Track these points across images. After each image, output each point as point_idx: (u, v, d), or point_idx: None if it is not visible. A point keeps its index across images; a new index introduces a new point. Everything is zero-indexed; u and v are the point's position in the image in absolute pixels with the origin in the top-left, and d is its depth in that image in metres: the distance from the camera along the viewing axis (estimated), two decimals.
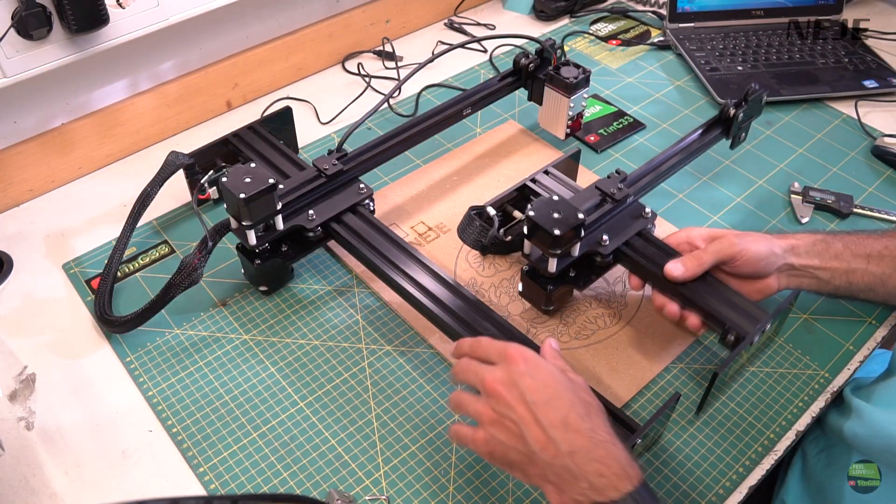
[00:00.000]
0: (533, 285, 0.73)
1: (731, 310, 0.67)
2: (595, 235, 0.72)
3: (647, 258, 0.72)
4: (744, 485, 0.65)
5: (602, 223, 0.74)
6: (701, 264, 0.67)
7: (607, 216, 0.75)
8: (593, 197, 0.75)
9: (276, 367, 0.72)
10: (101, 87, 0.92)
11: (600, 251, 0.72)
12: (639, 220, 0.75)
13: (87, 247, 0.85)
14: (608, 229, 0.73)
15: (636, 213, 0.75)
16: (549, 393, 0.52)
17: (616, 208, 0.75)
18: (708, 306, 0.67)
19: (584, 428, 0.51)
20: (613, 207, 0.75)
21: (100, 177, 0.94)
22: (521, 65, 0.93)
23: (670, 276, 0.67)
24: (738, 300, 0.68)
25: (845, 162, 0.96)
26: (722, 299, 0.68)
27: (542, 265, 0.70)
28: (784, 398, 0.71)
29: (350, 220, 0.77)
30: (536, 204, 0.67)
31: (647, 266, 0.71)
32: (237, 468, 0.65)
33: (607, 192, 0.75)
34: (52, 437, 0.67)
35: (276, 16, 1.03)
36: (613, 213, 0.75)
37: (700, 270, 0.68)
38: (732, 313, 0.66)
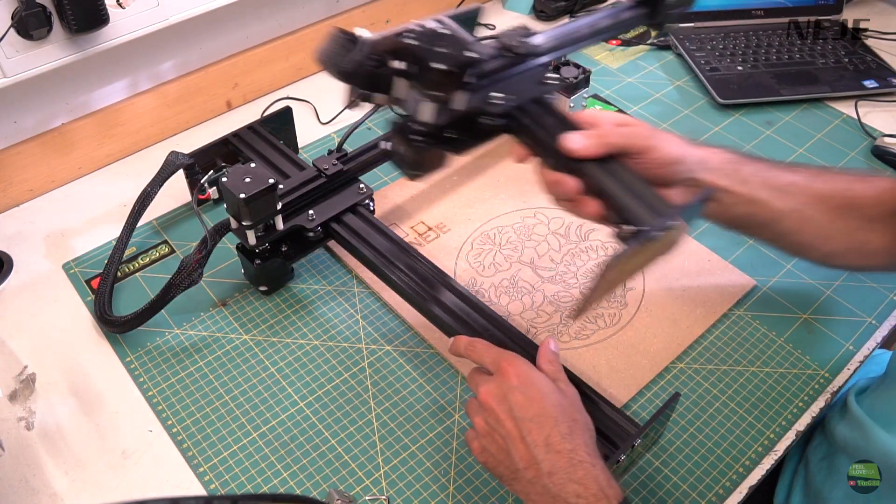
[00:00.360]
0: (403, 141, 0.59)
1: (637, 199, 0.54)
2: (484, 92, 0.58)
3: (544, 127, 0.59)
4: (744, 485, 0.65)
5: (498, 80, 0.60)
6: (604, 143, 0.56)
7: (503, 72, 0.60)
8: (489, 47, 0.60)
9: (276, 367, 0.72)
10: (101, 87, 0.92)
11: (488, 110, 0.58)
12: (540, 85, 0.62)
13: (87, 247, 0.85)
14: (503, 88, 0.59)
15: (538, 77, 0.62)
16: (536, 409, 0.53)
17: (515, 65, 0.61)
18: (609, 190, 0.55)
19: (565, 448, 0.51)
20: (512, 64, 0.60)
21: (100, 177, 0.94)
22: None
23: (566, 149, 0.55)
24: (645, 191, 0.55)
25: (845, 162, 0.96)
26: (627, 187, 0.55)
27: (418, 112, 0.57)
28: (784, 398, 0.71)
29: (350, 220, 0.77)
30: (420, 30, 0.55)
31: (540, 135, 0.58)
32: (237, 468, 0.65)
33: (508, 44, 0.60)
34: (52, 437, 0.67)
35: (276, 16, 1.03)
36: (512, 72, 0.61)
37: (602, 151, 0.56)
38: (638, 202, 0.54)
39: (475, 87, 0.57)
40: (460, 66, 0.54)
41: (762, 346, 0.75)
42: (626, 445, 0.57)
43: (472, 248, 0.84)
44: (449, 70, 0.53)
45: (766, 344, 0.75)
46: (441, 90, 0.54)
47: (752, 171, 0.64)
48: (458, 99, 0.56)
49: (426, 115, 0.56)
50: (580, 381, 0.64)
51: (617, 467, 0.58)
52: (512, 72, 0.61)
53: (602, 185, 0.56)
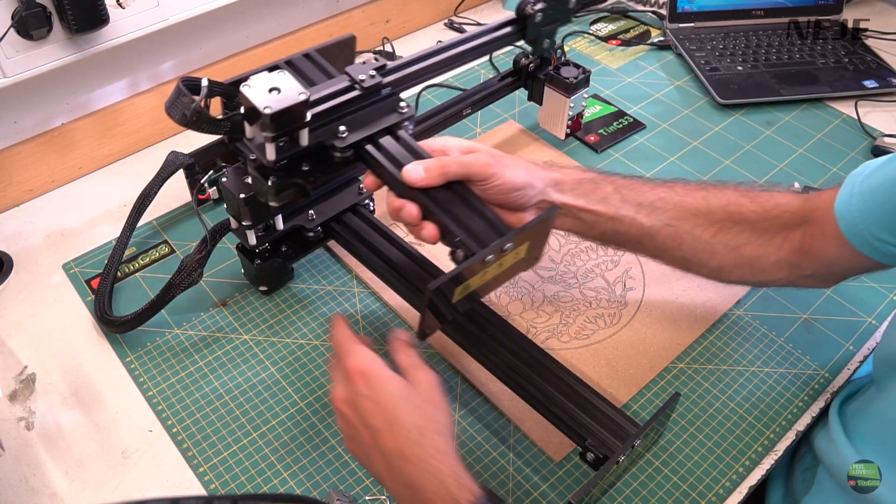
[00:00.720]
0: (258, 176, 0.62)
1: (468, 224, 0.58)
2: (332, 127, 0.62)
3: (391, 158, 0.61)
4: (744, 485, 0.65)
5: (345, 114, 0.63)
6: (444, 173, 0.58)
7: (352, 105, 0.63)
8: (339, 83, 0.64)
9: (276, 367, 0.72)
10: (101, 87, 0.92)
11: (336, 144, 0.61)
12: (392, 114, 0.64)
13: (87, 247, 0.85)
14: (350, 121, 0.62)
15: (390, 108, 0.65)
16: (387, 416, 0.52)
17: (366, 98, 0.64)
18: (445, 215, 0.58)
19: (417, 457, 0.51)
20: (361, 97, 0.64)
21: (100, 177, 0.94)
22: (521, 65, 0.93)
23: (408, 180, 0.58)
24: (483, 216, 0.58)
25: (845, 162, 0.96)
26: (463, 213, 0.58)
27: (261, 152, 0.59)
28: (784, 398, 0.71)
29: (350, 220, 0.77)
30: (255, 77, 0.57)
31: (386, 166, 0.61)
32: (237, 468, 0.65)
33: (356, 78, 0.64)
34: (52, 437, 0.67)
35: (276, 16, 1.03)
36: (362, 104, 0.64)
37: (441, 179, 0.58)
38: (468, 229, 0.57)
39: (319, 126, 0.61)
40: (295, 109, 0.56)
41: (762, 346, 0.75)
42: (626, 445, 0.57)
43: None
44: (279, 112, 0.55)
45: (766, 344, 0.75)
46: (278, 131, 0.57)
47: (611, 190, 0.65)
48: (301, 136, 0.59)
49: (269, 155, 0.59)
50: (580, 381, 0.64)
51: (617, 467, 0.58)
52: (363, 104, 0.64)
53: (433, 212, 0.58)
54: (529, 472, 0.65)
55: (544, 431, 0.67)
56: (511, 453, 0.66)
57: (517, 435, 0.68)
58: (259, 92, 0.56)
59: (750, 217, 0.65)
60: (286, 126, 0.57)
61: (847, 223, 0.60)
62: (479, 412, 0.69)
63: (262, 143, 0.59)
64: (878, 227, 0.58)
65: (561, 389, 0.63)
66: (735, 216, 0.65)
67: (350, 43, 0.76)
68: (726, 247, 0.65)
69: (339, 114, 0.63)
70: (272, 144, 0.58)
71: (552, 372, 0.64)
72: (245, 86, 0.56)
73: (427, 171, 0.58)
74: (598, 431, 0.60)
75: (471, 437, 0.67)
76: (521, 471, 0.65)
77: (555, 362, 0.65)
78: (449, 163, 0.58)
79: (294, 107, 0.56)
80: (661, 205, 0.65)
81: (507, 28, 0.76)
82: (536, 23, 0.76)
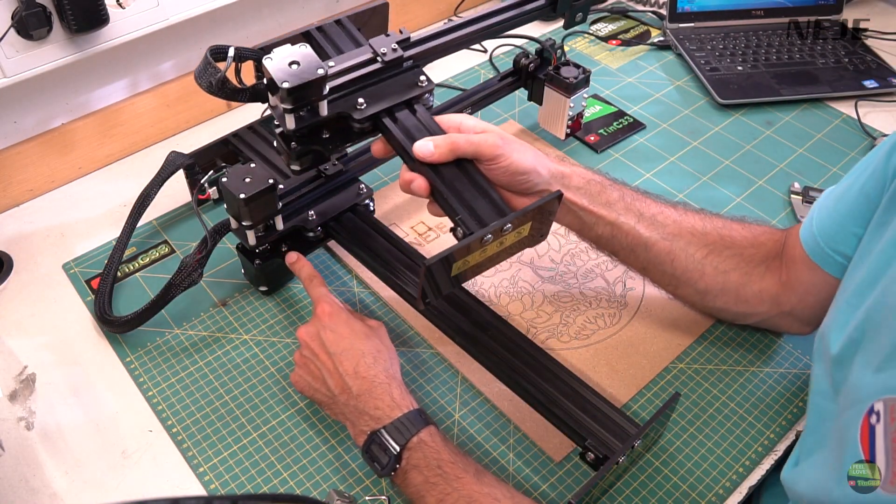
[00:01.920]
0: (281, 143, 0.65)
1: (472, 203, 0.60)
2: (352, 98, 0.64)
3: (405, 131, 0.63)
4: (744, 485, 0.65)
5: (366, 86, 0.65)
6: (453, 150, 0.61)
7: (372, 78, 0.65)
8: (361, 55, 0.66)
9: (276, 367, 0.72)
10: (101, 87, 0.92)
11: (353, 115, 0.64)
12: (412, 88, 0.66)
13: (87, 247, 0.85)
14: (370, 93, 0.65)
15: (411, 81, 0.66)
16: (346, 344, 0.63)
17: (385, 71, 0.66)
18: (449, 191, 0.60)
19: (370, 374, 0.62)
20: (382, 70, 0.66)
21: (100, 177, 0.94)
22: (521, 65, 0.93)
23: (418, 155, 0.61)
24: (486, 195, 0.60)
25: (845, 162, 0.96)
26: (467, 190, 0.60)
27: (282, 120, 0.62)
28: (784, 398, 0.71)
29: (350, 220, 0.77)
30: (277, 52, 0.60)
31: (399, 138, 0.63)
32: (237, 468, 0.65)
33: (377, 50, 0.66)
34: (52, 437, 0.67)
35: (276, 16, 1.03)
36: (382, 77, 0.66)
37: (450, 156, 0.61)
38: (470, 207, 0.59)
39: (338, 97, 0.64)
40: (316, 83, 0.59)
41: (762, 346, 0.75)
42: (626, 445, 0.57)
43: None
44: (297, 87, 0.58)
45: (766, 344, 0.75)
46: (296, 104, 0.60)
47: (617, 196, 0.67)
48: (321, 107, 0.62)
49: (289, 124, 0.62)
50: (580, 381, 0.64)
51: (617, 467, 0.58)
52: (383, 76, 0.66)
53: (437, 188, 0.61)
54: (529, 472, 0.65)
55: (544, 431, 0.67)
56: (511, 453, 0.66)
57: (517, 435, 0.68)
58: (280, 65, 0.58)
59: (740, 242, 0.68)
60: (304, 99, 0.60)
61: (809, 244, 0.64)
62: (479, 412, 0.69)
63: (282, 113, 0.61)
64: (833, 239, 0.62)
65: (561, 389, 0.63)
66: (727, 239, 0.68)
67: (383, 9, 0.76)
68: (715, 269, 0.68)
69: (359, 86, 0.65)
70: (291, 115, 0.60)
71: (552, 372, 0.64)
72: (268, 58, 0.59)
73: (437, 146, 0.60)
74: (598, 431, 0.60)
75: (471, 437, 0.67)
76: (521, 471, 0.65)
77: (555, 362, 0.65)
78: (458, 140, 0.61)
79: (313, 81, 0.58)
80: (662, 219, 0.68)
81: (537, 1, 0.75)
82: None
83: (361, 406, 0.61)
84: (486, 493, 0.56)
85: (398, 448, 0.58)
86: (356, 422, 0.61)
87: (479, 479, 0.57)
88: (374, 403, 0.60)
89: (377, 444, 0.59)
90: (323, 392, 0.64)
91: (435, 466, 0.57)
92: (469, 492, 0.56)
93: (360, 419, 0.61)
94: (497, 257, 0.59)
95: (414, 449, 0.58)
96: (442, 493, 0.56)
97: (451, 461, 0.58)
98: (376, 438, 0.59)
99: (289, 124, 0.61)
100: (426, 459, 0.57)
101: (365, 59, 0.65)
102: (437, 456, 0.58)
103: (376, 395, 0.61)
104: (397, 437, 0.58)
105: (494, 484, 0.57)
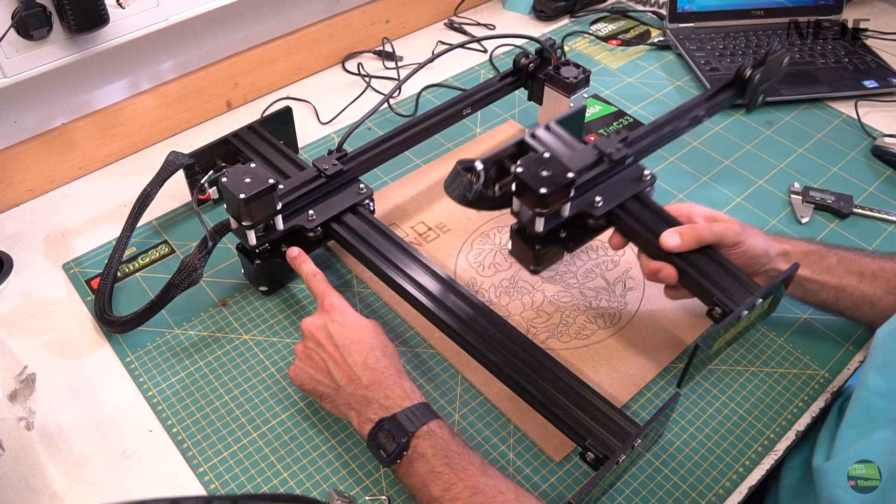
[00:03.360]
0: (521, 244, 0.70)
1: (723, 282, 0.65)
2: (588, 196, 0.70)
3: (642, 223, 0.69)
4: (744, 485, 0.65)
5: (597, 183, 0.72)
6: (699, 240, 0.66)
7: (603, 177, 0.72)
8: (590, 156, 0.72)
9: (276, 367, 0.72)
10: (101, 87, 0.92)
11: (592, 213, 0.69)
12: (637, 182, 0.72)
13: (87, 247, 0.85)
14: (603, 190, 0.71)
15: (634, 176, 0.73)
16: (354, 337, 0.64)
17: (613, 169, 0.72)
18: (698, 277, 0.66)
19: (379, 367, 0.63)
20: (610, 168, 0.72)
21: (100, 177, 0.94)
22: (521, 65, 0.93)
23: (666, 247, 0.66)
24: (732, 274, 0.66)
25: (845, 162, 0.96)
26: (716, 271, 0.66)
27: (529, 224, 0.67)
28: (784, 398, 0.71)
29: (350, 220, 0.77)
30: (525, 160, 0.65)
31: (640, 231, 0.69)
32: (237, 468, 0.65)
33: (605, 151, 0.72)
34: (52, 437, 0.67)
35: (276, 16, 1.03)
36: (610, 174, 0.72)
37: (695, 246, 0.67)
38: (722, 287, 0.65)
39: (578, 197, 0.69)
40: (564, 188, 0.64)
41: (762, 346, 0.75)
42: (626, 445, 0.57)
43: (472, 248, 0.84)
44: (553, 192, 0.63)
45: (766, 344, 0.75)
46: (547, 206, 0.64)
47: (836, 261, 0.70)
48: (564, 209, 0.68)
49: (539, 227, 0.67)
50: (580, 381, 0.64)
51: (617, 467, 0.58)
52: (610, 174, 0.72)
53: (689, 273, 0.66)
54: (529, 472, 0.65)
55: (544, 431, 0.67)
56: (511, 453, 0.66)
57: (517, 435, 0.68)
58: (532, 171, 0.64)
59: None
60: (554, 202, 0.64)
61: None
62: (479, 412, 0.69)
63: (529, 216, 0.66)
64: None
65: (561, 389, 0.63)
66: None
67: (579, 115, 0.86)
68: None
69: (594, 184, 0.71)
70: (542, 219, 0.66)
71: (552, 372, 0.64)
72: (517, 167, 0.65)
73: (684, 238, 0.66)
74: (598, 431, 0.60)
75: (471, 438, 0.67)
76: (521, 471, 0.65)
77: (555, 362, 0.65)
78: (703, 231, 0.66)
79: (564, 185, 0.64)
80: (882, 274, 0.70)
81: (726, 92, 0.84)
82: (754, 83, 0.84)
83: (371, 395, 0.61)
84: (490, 486, 0.56)
85: (409, 435, 0.59)
86: (363, 411, 0.62)
87: (484, 471, 0.58)
88: (385, 393, 0.61)
89: (385, 431, 0.60)
90: (326, 384, 0.64)
91: (442, 456, 0.58)
92: (474, 482, 0.56)
93: (369, 408, 0.61)
94: (744, 331, 0.66)
95: (423, 437, 0.59)
96: (447, 483, 0.57)
97: (458, 452, 0.58)
98: (385, 425, 0.60)
99: (538, 227, 0.66)
100: (434, 449, 0.58)
101: (594, 160, 0.72)
102: (445, 446, 0.58)
103: (387, 386, 0.62)
104: (408, 424, 0.59)
105: (499, 477, 0.58)
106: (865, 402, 0.60)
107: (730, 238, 0.66)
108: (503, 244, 0.84)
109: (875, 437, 0.59)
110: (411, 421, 0.59)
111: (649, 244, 0.68)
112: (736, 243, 0.67)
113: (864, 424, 0.60)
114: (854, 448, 0.60)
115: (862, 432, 0.60)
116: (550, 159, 0.65)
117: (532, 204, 0.64)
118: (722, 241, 0.67)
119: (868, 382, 0.60)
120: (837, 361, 0.74)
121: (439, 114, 0.88)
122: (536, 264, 0.71)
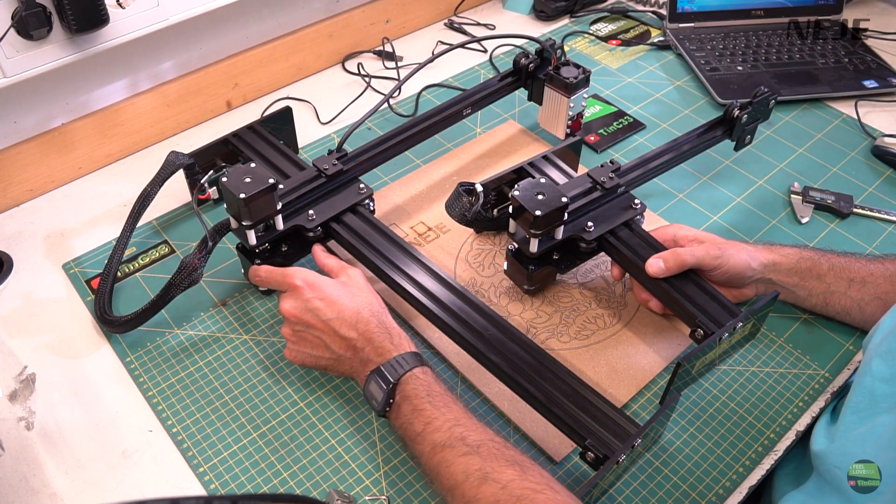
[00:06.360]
0: (516, 264, 0.75)
1: (707, 306, 0.69)
2: (581, 221, 0.75)
3: (631, 249, 0.73)
4: (744, 485, 0.65)
5: (590, 210, 0.76)
6: (680, 265, 0.70)
7: (595, 204, 0.76)
8: (583, 184, 0.77)
9: (276, 367, 0.72)
10: (101, 87, 0.92)
11: (584, 237, 0.74)
12: (627, 210, 0.77)
13: (87, 247, 0.85)
14: (595, 217, 0.75)
15: (625, 204, 0.77)
16: (338, 308, 0.66)
17: (605, 197, 0.77)
18: (683, 301, 0.69)
19: (369, 328, 0.66)
20: (602, 196, 0.77)
21: (100, 177, 0.94)
22: (521, 65, 0.93)
23: (650, 272, 0.70)
24: (715, 298, 0.69)
25: (845, 162, 0.96)
26: (699, 296, 0.69)
27: (524, 245, 0.72)
28: (784, 398, 0.71)
29: (350, 220, 0.77)
30: (523, 185, 0.70)
31: (629, 257, 0.73)
32: (237, 468, 0.65)
33: (598, 180, 0.77)
34: (52, 437, 0.67)
35: (276, 16, 1.03)
36: (602, 202, 0.77)
37: (678, 271, 0.70)
38: (705, 310, 0.68)
39: (571, 222, 0.74)
40: (558, 211, 0.69)
41: (762, 346, 0.75)
42: (626, 445, 0.57)
43: (472, 248, 0.84)
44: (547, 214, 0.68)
45: (766, 344, 0.75)
46: (542, 228, 0.69)
47: (827, 268, 0.73)
48: (557, 232, 0.72)
49: (533, 248, 0.71)
50: (580, 381, 0.64)
51: (617, 467, 0.58)
52: (603, 201, 0.77)
53: (673, 297, 0.70)
54: None
55: (544, 431, 0.67)
56: None
57: (517, 435, 0.68)
58: (528, 195, 0.69)
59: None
60: (548, 224, 0.69)
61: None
62: (479, 412, 0.69)
63: (524, 237, 0.71)
64: None
65: (561, 389, 0.63)
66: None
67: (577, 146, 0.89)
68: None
69: (586, 210, 0.76)
70: (536, 240, 0.71)
71: (552, 372, 0.64)
72: (515, 190, 0.69)
73: (667, 264, 0.70)
74: (598, 431, 0.60)
75: None
76: None
77: (555, 362, 0.65)
78: (684, 256, 0.70)
79: (558, 209, 0.68)
80: (871, 279, 0.72)
81: (715, 131, 0.88)
82: (742, 123, 0.87)
83: (365, 356, 0.65)
84: (471, 419, 0.60)
85: (391, 383, 0.62)
86: (361, 371, 0.66)
87: (466, 412, 0.61)
88: (376, 350, 0.65)
89: (374, 381, 0.63)
90: (327, 357, 0.68)
91: (424, 395, 0.61)
92: (455, 416, 0.60)
93: (366, 367, 0.65)
94: (727, 352, 0.70)
95: (405, 383, 0.62)
96: (429, 418, 0.60)
97: (440, 393, 0.62)
98: (372, 377, 0.63)
99: (532, 248, 0.71)
100: (416, 390, 0.62)
101: (587, 187, 0.77)
102: (427, 388, 0.62)
103: (376, 343, 0.65)
104: (391, 372, 0.63)
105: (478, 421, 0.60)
106: (869, 387, 0.61)
107: (709, 261, 0.70)
108: (503, 244, 0.84)
109: (877, 422, 0.60)
110: (395, 369, 0.63)
111: (637, 269, 0.72)
112: (715, 265, 0.70)
113: (867, 409, 0.61)
114: (856, 432, 0.61)
115: (864, 417, 0.61)
116: (546, 185, 0.70)
117: (527, 225, 0.69)
118: (702, 263, 0.70)
119: (872, 369, 0.61)
120: (837, 361, 0.74)
121: (439, 114, 0.88)
122: (530, 284, 0.76)
